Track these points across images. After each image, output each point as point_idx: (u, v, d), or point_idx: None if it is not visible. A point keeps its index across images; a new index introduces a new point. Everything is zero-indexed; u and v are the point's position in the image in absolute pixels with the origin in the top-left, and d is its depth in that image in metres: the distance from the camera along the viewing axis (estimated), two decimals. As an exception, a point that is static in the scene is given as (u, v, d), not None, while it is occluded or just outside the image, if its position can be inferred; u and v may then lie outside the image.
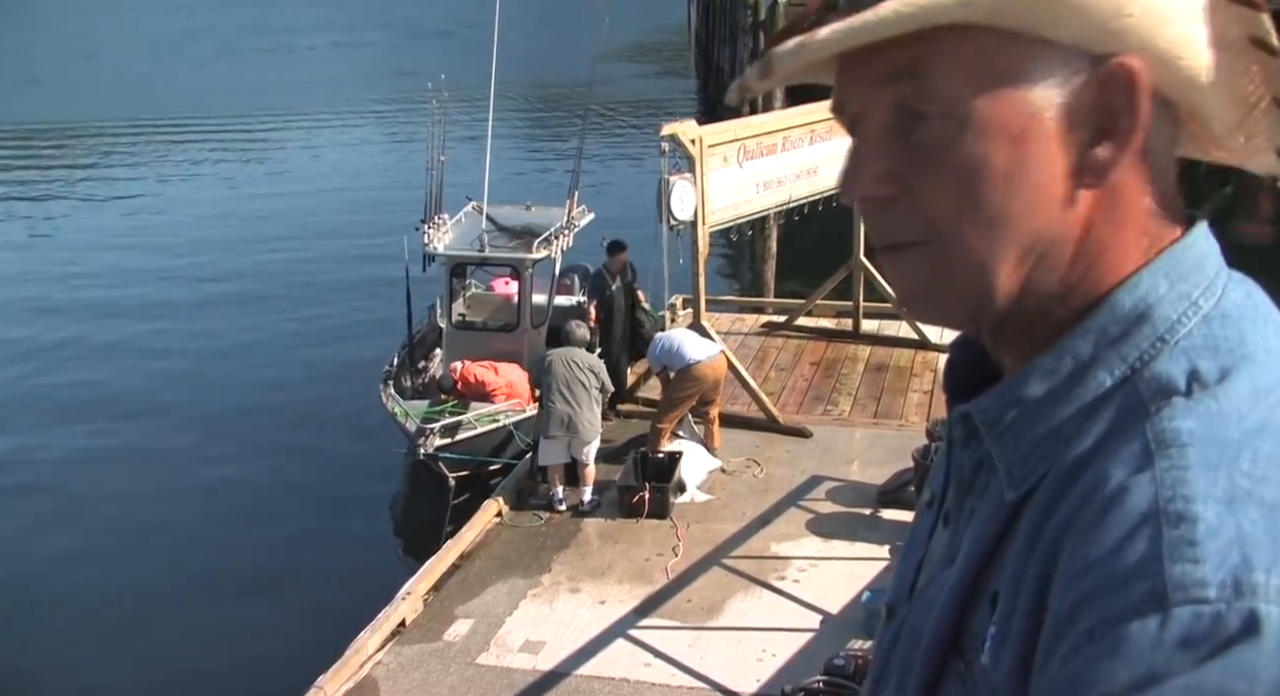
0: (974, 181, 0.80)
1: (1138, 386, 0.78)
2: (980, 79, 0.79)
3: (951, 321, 0.87)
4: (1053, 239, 0.81)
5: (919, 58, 0.79)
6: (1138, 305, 0.80)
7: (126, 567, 10.93)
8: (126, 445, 13.53)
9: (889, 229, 0.84)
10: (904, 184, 0.82)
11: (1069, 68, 0.78)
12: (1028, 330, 0.84)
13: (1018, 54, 0.78)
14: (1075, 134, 0.79)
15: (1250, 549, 0.67)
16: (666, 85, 42.11)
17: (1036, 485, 0.79)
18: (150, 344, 16.87)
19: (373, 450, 12.18)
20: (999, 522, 0.81)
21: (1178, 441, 0.72)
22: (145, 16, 68.87)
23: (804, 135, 11.16)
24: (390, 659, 7.53)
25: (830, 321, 13.23)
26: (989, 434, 0.84)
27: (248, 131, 34.88)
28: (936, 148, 0.80)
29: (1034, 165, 0.79)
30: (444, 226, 12.13)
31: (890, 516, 8.94)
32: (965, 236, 0.81)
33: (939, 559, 0.90)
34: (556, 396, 9.29)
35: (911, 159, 0.82)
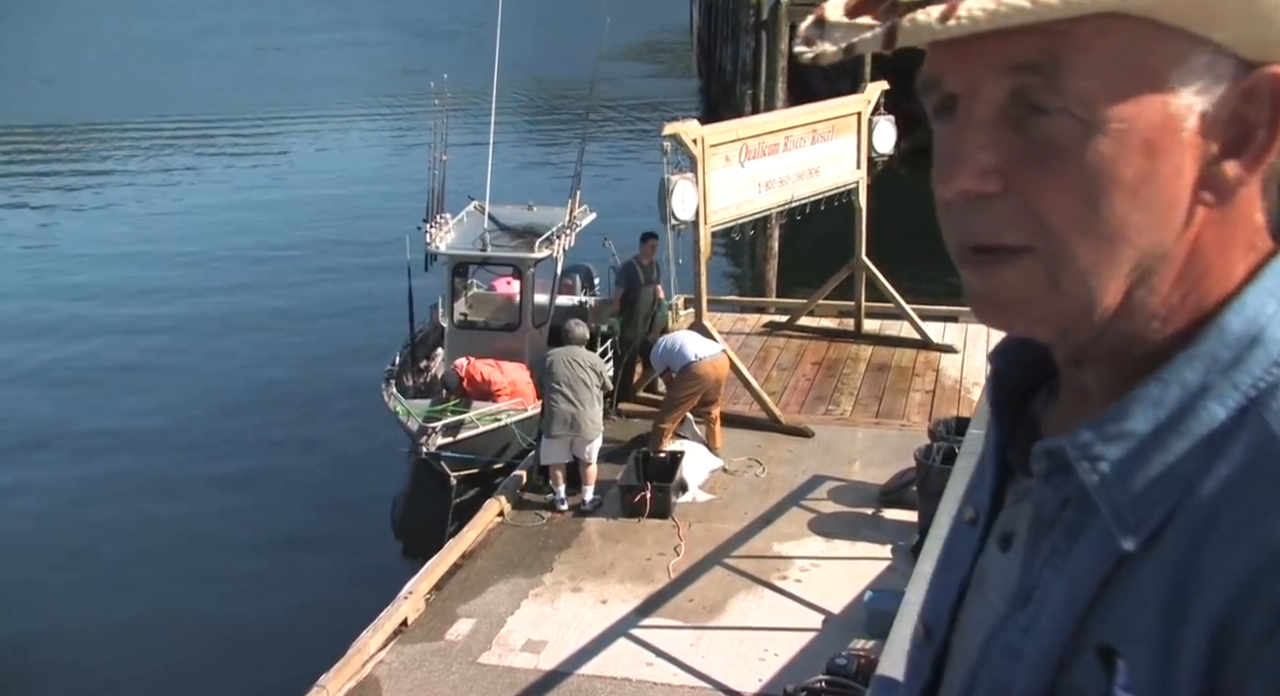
0: (1099, 190, 0.72)
1: (1267, 420, 0.71)
2: (1120, 77, 0.71)
3: (1036, 335, 0.80)
4: (1162, 256, 0.74)
5: (1052, 47, 0.71)
6: (1248, 328, 0.74)
7: (128, 565, 10.93)
8: (129, 443, 13.53)
9: (984, 229, 0.76)
10: (1011, 181, 0.74)
11: (1214, 72, 0.71)
12: (1119, 352, 0.78)
13: (1166, 52, 0.71)
14: (1207, 146, 0.73)
15: None
16: (669, 85, 42.10)
17: (1158, 532, 0.72)
18: (153, 340, 16.87)
19: (375, 449, 12.19)
20: (1102, 571, 0.75)
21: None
22: (152, 15, 68.85)
23: (806, 135, 11.16)
24: (392, 658, 7.53)
25: (832, 321, 13.22)
26: (1089, 472, 0.76)
27: (252, 130, 34.90)
28: (1059, 147, 0.73)
29: (1164, 178, 0.72)
30: (446, 226, 12.13)
31: (892, 516, 8.94)
32: (1079, 247, 0.73)
33: (1003, 592, 0.83)
34: (559, 396, 9.29)
35: (1025, 155, 0.74)
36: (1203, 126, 0.72)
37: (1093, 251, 0.74)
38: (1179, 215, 0.74)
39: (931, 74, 0.77)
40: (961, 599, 0.90)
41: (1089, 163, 0.72)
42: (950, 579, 0.91)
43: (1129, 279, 0.75)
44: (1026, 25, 0.69)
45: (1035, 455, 0.81)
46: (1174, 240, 0.74)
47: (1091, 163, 0.72)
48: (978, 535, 0.89)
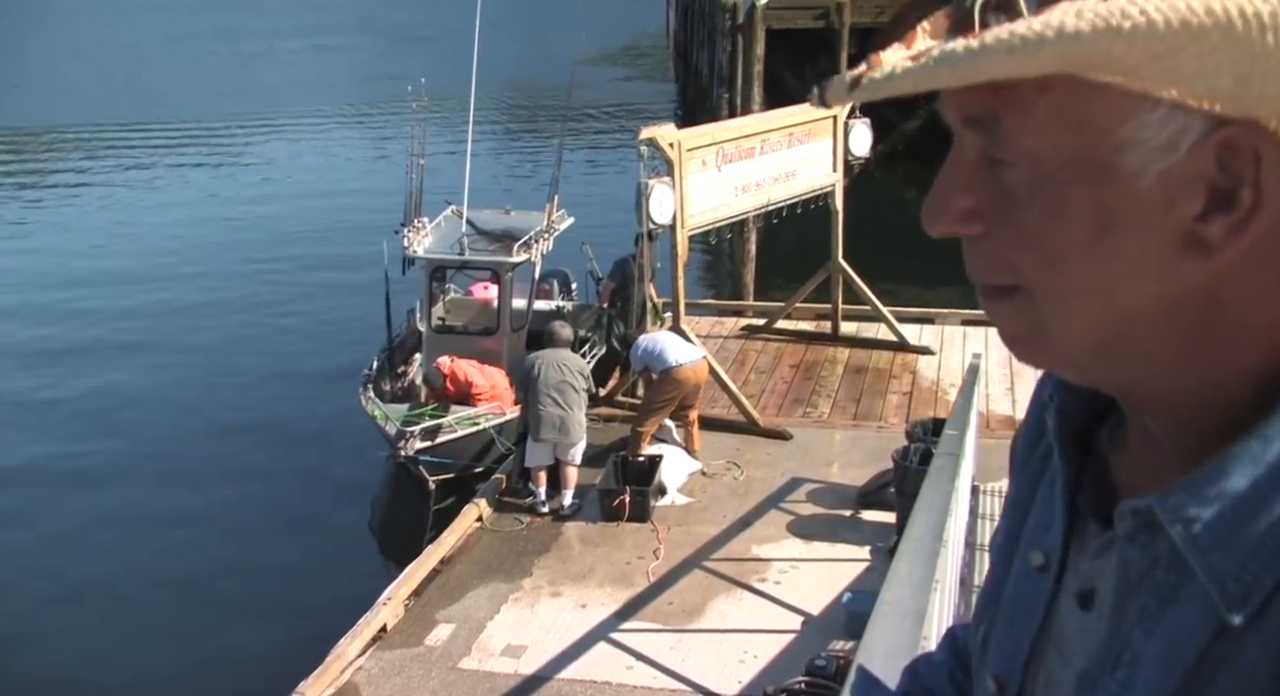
0: (1053, 245, 0.69)
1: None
2: (1063, 135, 0.67)
3: (1052, 370, 0.78)
4: (1157, 310, 0.70)
5: (993, 102, 0.68)
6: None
7: (106, 573, 10.87)
8: (105, 450, 13.46)
9: (980, 269, 0.75)
10: (989, 225, 0.72)
11: (1174, 126, 0.65)
12: (1166, 405, 0.74)
13: (1111, 109, 0.65)
14: (1183, 201, 0.66)
15: None
16: (645, 89, 42.17)
17: (1269, 601, 0.68)
18: (129, 347, 16.77)
19: (353, 454, 12.17)
20: (1203, 639, 0.70)
21: None
22: (125, 20, 68.51)
23: (782, 138, 11.20)
24: (371, 664, 7.51)
25: (809, 324, 13.27)
26: (1183, 536, 0.71)
27: (228, 135, 34.77)
28: (1018, 198, 0.70)
29: (1124, 234, 0.68)
30: (424, 230, 12.13)
31: (870, 517, 8.98)
32: (1049, 298, 0.71)
33: (1086, 653, 0.80)
34: (547, 400, 9.27)
35: (998, 199, 0.71)
36: (1168, 183, 0.66)
37: (1063, 303, 0.71)
38: (1159, 273, 0.68)
39: (941, 106, 0.75)
40: (1032, 651, 0.86)
41: (1039, 219, 0.69)
42: (1020, 630, 0.87)
43: (1122, 331, 0.71)
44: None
45: (1120, 514, 0.77)
46: (1167, 297, 0.69)
47: (1041, 219, 0.69)
48: (1049, 584, 0.85)
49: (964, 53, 0.62)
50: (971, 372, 7.89)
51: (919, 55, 0.65)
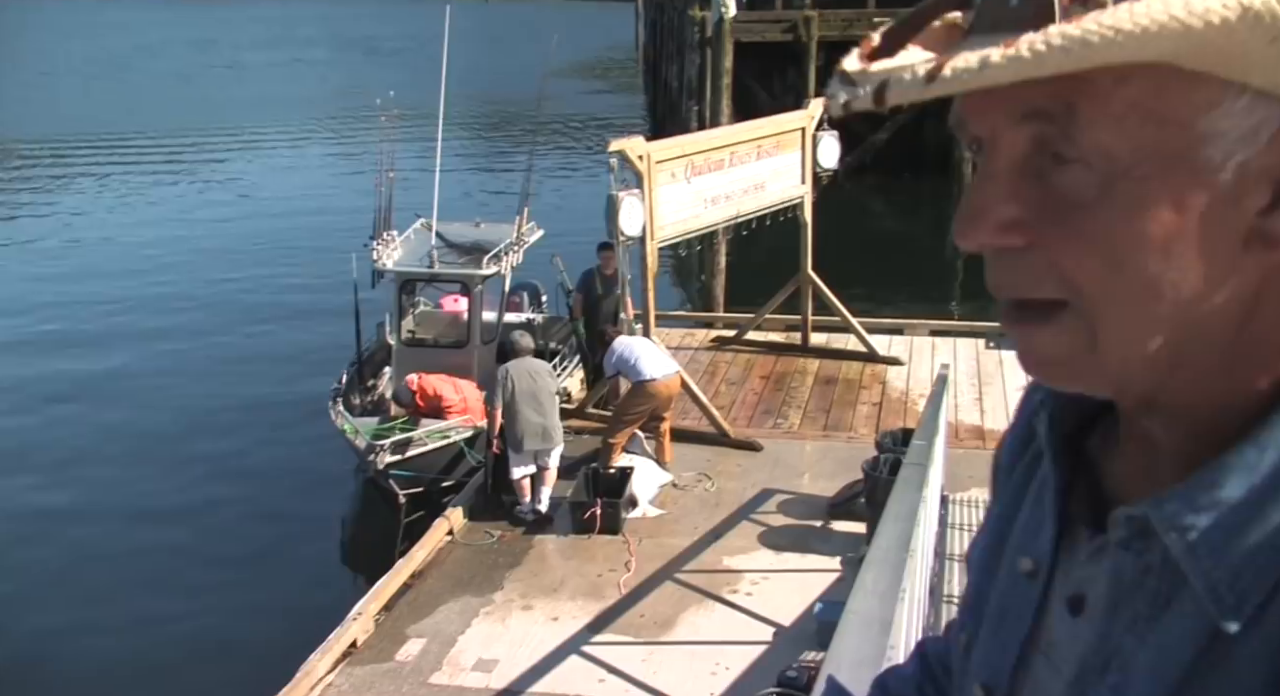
0: (1123, 248, 0.66)
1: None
2: (1142, 126, 0.64)
3: (1087, 390, 0.75)
4: (1213, 312, 0.68)
5: (1068, 93, 0.65)
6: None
7: (69, 592, 10.74)
8: (72, 465, 13.31)
9: (1017, 282, 0.71)
10: (1036, 233, 0.69)
11: (1256, 116, 0.64)
12: (1184, 407, 0.73)
13: (1195, 100, 0.64)
14: (1251, 196, 0.66)
15: None
16: (615, 102, 42.26)
17: (1264, 608, 0.68)
18: (96, 363, 16.62)
19: (322, 468, 12.09)
20: (1196, 645, 0.70)
21: None
22: (94, 33, 68.05)
23: (751, 150, 11.25)
24: (342, 680, 7.46)
25: (779, 335, 13.32)
26: (1178, 543, 0.70)
27: (197, 149, 34.57)
28: (1080, 201, 0.67)
29: (1197, 232, 0.66)
30: (393, 243, 12.09)
31: (841, 528, 9.00)
32: (1110, 306, 0.68)
33: (1075, 659, 0.79)
34: (527, 410, 9.29)
35: (1047, 206, 0.68)
36: (1244, 176, 0.65)
37: (1125, 311, 0.68)
38: (1222, 270, 0.67)
39: (959, 114, 0.72)
40: (1020, 659, 0.85)
41: (1109, 220, 0.66)
42: (1009, 637, 0.85)
43: (1177, 336, 0.69)
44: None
45: (1113, 522, 0.76)
46: (1223, 296, 0.68)
47: (1112, 220, 0.66)
48: (1039, 590, 0.84)
49: (1083, 37, 0.59)
50: (940, 383, 7.93)
51: (1011, 44, 0.61)
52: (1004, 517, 0.92)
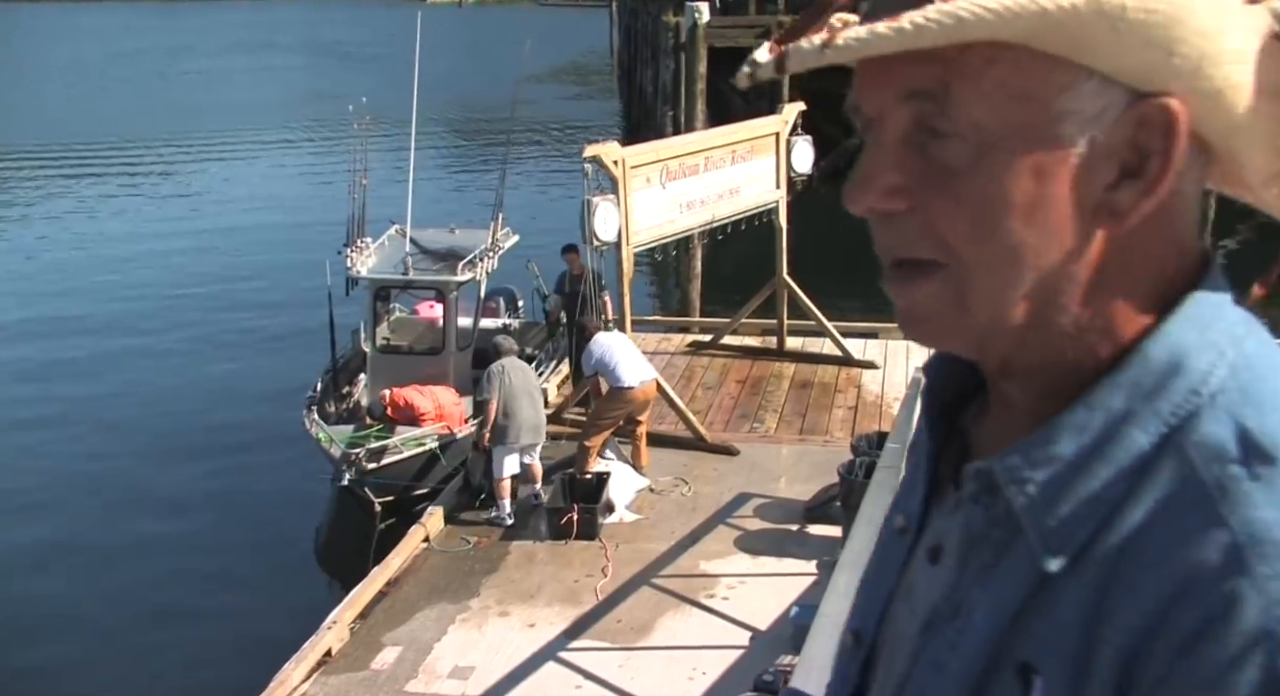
0: (991, 212, 0.75)
1: (1187, 451, 0.72)
2: (1008, 104, 0.73)
3: (953, 348, 0.83)
4: (1066, 276, 0.76)
5: (944, 74, 0.73)
6: (1171, 356, 0.75)
7: (41, 600, 10.64)
8: (44, 476, 13.18)
9: (897, 243, 0.79)
10: (916, 199, 0.77)
11: (1104, 99, 0.72)
12: (1037, 369, 0.80)
13: (1053, 80, 0.72)
14: (1100, 171, 0.74)
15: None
16: (590, 107, 42.28)
17: (1080, 555, 0.74)
18: (66, 369, 16.48)
19: (297, 477, 12.01)
20: (1024, 590, 0.76)
21: (1270, 537, 0.68)
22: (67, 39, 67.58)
23: (725, 155, 11.27)
24: (316, 690, 7.41)
25: (755, 340, 13.34)
26: (1017, 494, 0.77)
27: (167, 156, 34.35)
28: (954, 169, 0.75)
29: (1056, 201, 0.74)
30: (367, 250, 12.04)
31: (817, 532, 9.01)
32: (978, 267, 0.76)
33: (933, 603, 0.84)
34: (524, 404, 9.39)
35: (927, 174, 0.76)
36: (1094, 152, 0.73)
37: (991, 271, 0.76)
38: (1075, 238, 0.75)
39: (853, 99, 0.80)
40: (886, 608, 0.90)
41: (980, 186, 0.74)
42: (879, 587, 0.92)
43: (1034, 298, 0.76)
44: (920, 53, 0.71)
45: (965, 476, 0.82)
46: (1075, 262, 0.76)
47: (982, 186, 0.74)
48: (907, 544, 0.90)
49: (954, 13, 0.68)
50: (914, 386, 7.96)
51: (895, 18, 0.70)
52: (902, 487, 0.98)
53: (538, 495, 9.58)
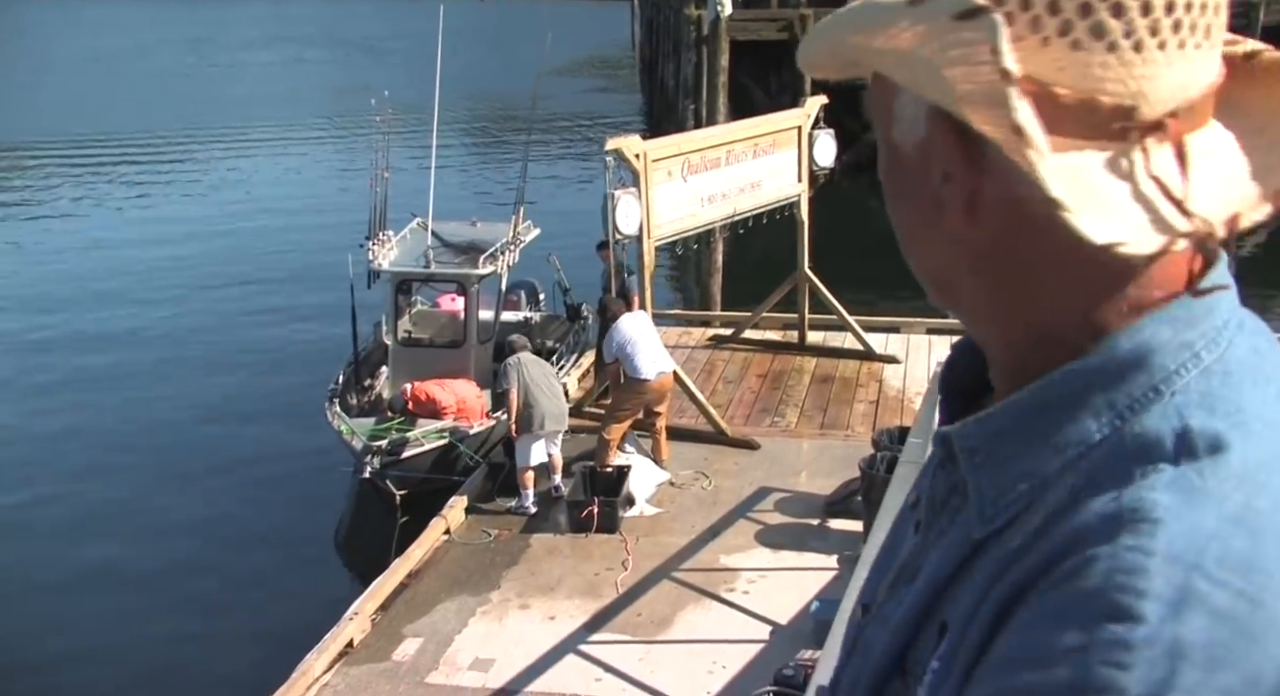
0: (887, 201, 0.86)
1: (1124, 438, 0.74)
2: (876, 112, 0.84)
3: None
4: (952, 264, 0.82)
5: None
6: (1136, 350, 0.76)
7: (66, 592, 10.72)
8: (66, 465, 13.29)
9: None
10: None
11: (913, 108, 0.80)
12: (1001, 359, 0.84)
13: (886, 93, 0.82)
14: (932, 171, 0.80)
15: (1180, 664, 0.65)
16: (611, 100, 42.24)
17: (1006, 525, 0.77)
18: (90, 361, 16.59)
19: (318, 469, 12.06)
20: (961, 554, 0.80)
21: (1151, 516, 0.69)
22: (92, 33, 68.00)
23: (747, 149, 11.24)
24: (338, 680, 7.45)
25: (776, 334, 13.30)
26: (966, 463, 0.81)
27: (192, 149, 34.53)
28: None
29: (909, 196, 0.83)
30: (389, 243, 12.06)
31: (838, 526, 8.99)
32: (902, 245, 0.86)
33: (904, 570, 0.89)
34: (542, 395, 9.51)
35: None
36: (921, 154, 0.80)
37: (908, 254, 0.85)
38: (932, 228, 0.81)
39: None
40: (893, 577, 0.93)
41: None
42: (888, 560, 0.95)
43: (940, 277, 0.84)
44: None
45: (933, 441, 0.88)
46: (952, 259, 0.82)
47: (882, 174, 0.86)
48: (914, 520, 0.93)
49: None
50: (936, 381, 7.93)
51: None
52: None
53: (558, 487, 9.61)
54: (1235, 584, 0.67)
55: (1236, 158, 0.79)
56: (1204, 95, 0.77)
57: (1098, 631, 0.66)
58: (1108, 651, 0.66)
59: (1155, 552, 0.68)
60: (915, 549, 0.88)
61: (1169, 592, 0.66)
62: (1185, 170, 0.74)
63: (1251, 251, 16.33)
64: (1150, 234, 0.73)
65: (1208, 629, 0.66)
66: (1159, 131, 0.74)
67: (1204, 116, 0.77)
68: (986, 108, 0.71)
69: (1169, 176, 0.74)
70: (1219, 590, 0.67)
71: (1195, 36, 0.74)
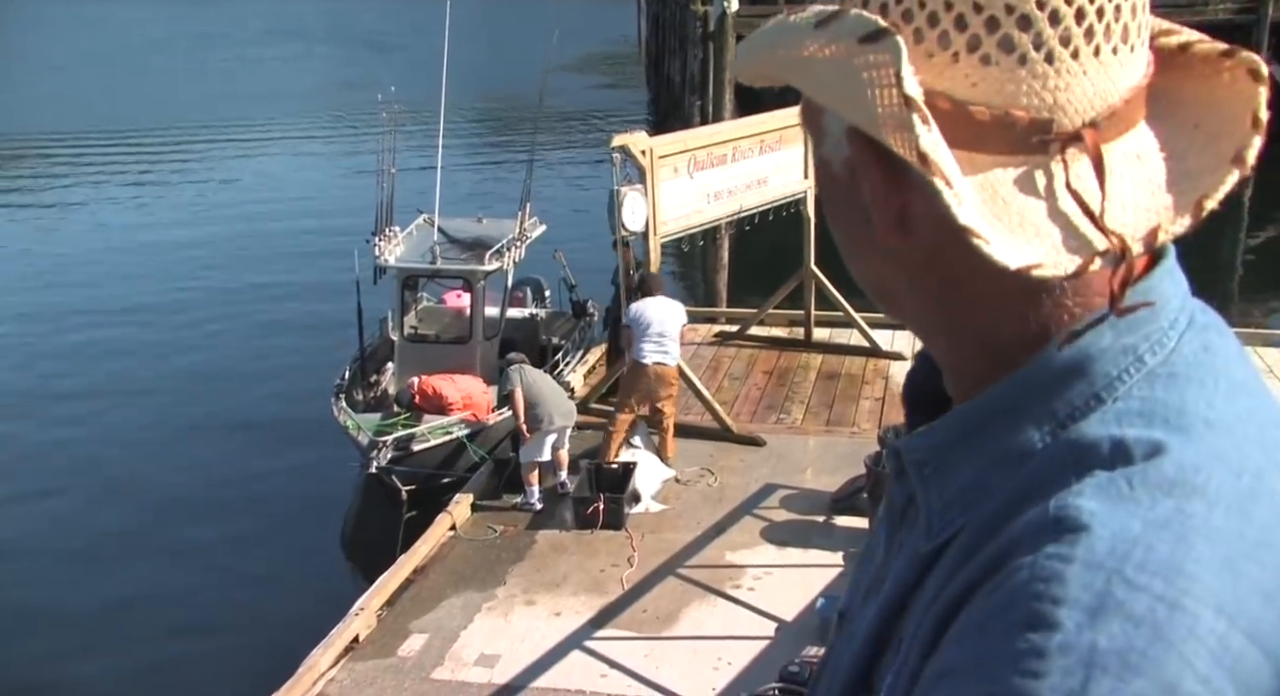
0: (825, 211, 0.87)
1: (1061, 446, 0.74)
2: (807, 126, 0.84)
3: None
4: (891, 275, 0.82)
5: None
6: (1075, 357, 0.75)
7: (71, 586, 10.75)
8: (72, 458, 13.32)
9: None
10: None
11: (836, 126, 0.80)
12: (955, 370, 0.84)
13: (814, 109, 0.82)
14: (860, 188, 0.80)
15: (1095, 672, 0.63)
16: (617, 97, 42.21)
17: (952, 537, 0.77)
18: (98, 357, 16.63)
19: (324, 464, 12.08)
20: (915, 569, 0.79)
21: (1075, 523, 0.68)
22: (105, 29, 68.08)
23: (754, 145, 11.23)
24: (344, 676, 7.46)
25: (782, 330, 13.29)
26: (915, 476, 0.81)
27: (197, 145, 34.55)
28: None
29: (840, 209, 0.83)
30: (395, 239, 12.08)
31: (844, 523, 8.99)
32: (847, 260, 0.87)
33: (870, 584, 0.89)
34: (547, 391, 9.65)
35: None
36: (848, 170, 0.80)
37: (848, 263, 0.86)
38: (866, 240, 0.81)
39: None
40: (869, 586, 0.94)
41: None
42: (866, 569, 0.95)
43: (884, 296, 0.84)
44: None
45: (887, 455, 0.89)
46: (893, 275, 0.82)
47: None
48: (886, 531, 0.93)
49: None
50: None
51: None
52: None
53: (564, 483, 9.62)
54: (1155, 588, 0.65)
55: (1162, 163, 0.77)
56: (1128, 99, 0.75)
57: (1015, 640, 0.65)
58: (1023, 660, 0.64)
59: (1075, 559, 0.66)
60: (881, 562, 0.88)
61: (1086, 599, 0.65)
62: (1104, 183, 0.73)
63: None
64: (1064, 255, 0.72)
65: (1124, 634, 0.64)
66: (1079, 142, 0.73)
67: (1131, 120, 0.76)
68: (896, 131, 0.70)
69: (1088, 191, 0.73)
70: (1137, 595, 0.65)
71: (1111, 41, 0.73)
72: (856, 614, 0.90)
